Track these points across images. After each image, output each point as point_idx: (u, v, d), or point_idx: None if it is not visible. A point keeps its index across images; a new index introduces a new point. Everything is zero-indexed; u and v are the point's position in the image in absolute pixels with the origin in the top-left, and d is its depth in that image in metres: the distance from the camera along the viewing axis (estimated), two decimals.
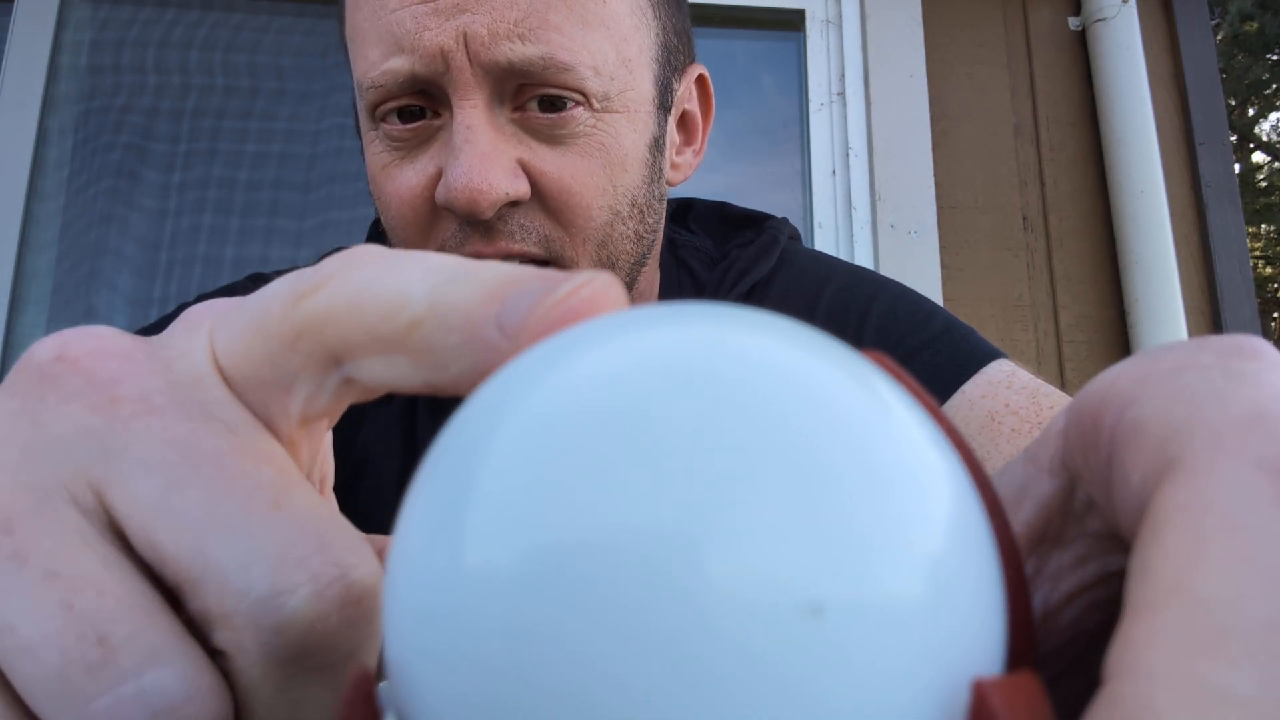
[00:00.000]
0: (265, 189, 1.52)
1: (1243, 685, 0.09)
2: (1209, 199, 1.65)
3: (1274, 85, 7.35)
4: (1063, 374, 1.56)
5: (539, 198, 0.47)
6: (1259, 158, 7.93)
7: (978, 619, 0.11)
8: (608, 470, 0.11)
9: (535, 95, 0.46)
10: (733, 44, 1.70)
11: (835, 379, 0.12)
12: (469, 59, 0.45)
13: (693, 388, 0.11)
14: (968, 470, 0.13)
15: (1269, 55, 7.10)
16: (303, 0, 1.59)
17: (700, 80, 0.58)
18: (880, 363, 0.14)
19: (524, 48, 0.45)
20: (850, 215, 1.55)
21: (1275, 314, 7.86)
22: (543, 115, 0.47)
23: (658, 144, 0.52)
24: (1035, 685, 0.11)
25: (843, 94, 1.60)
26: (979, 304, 1.56)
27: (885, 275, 0.64)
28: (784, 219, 0.66)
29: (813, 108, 1.61)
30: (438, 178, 0.47)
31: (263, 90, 1.56)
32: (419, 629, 0.11)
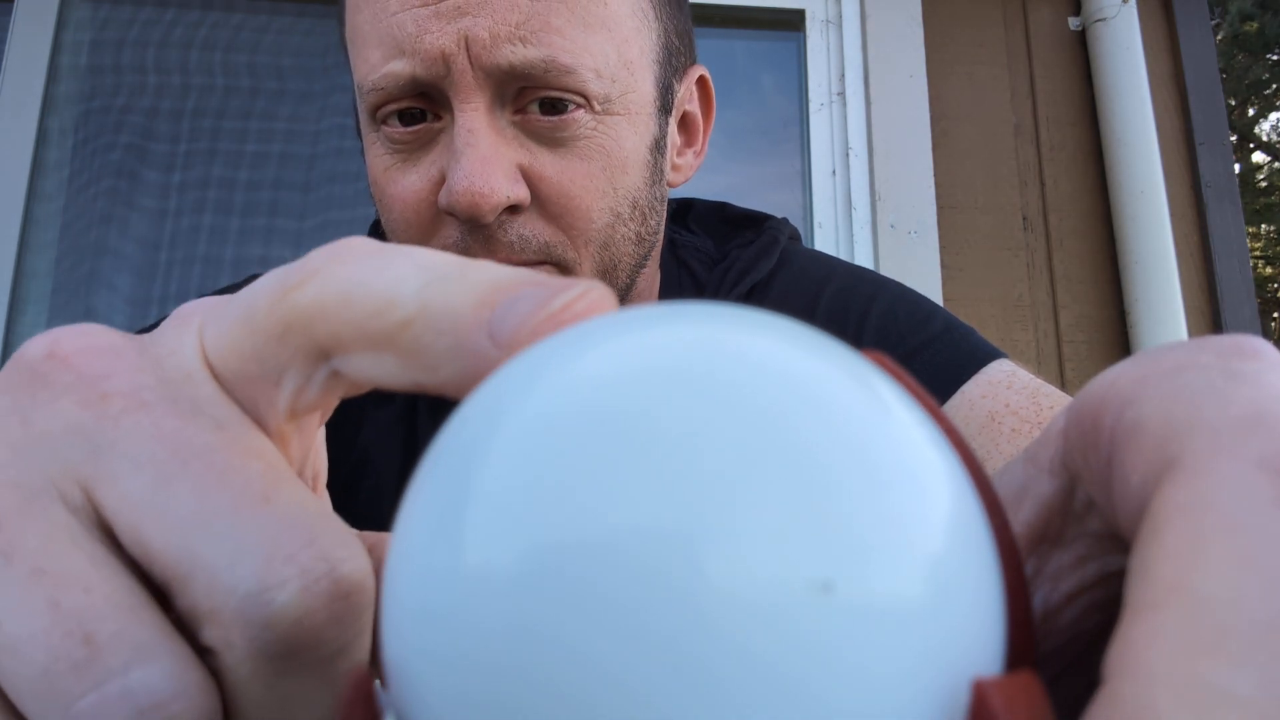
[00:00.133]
0: (265, 189, 1.52)
1: (1243, 685, 0.09)
2: (1209, 199, 1.65)
3: (1274, 85, 7.35)
4: (1063, 374, 1.56)
5: (539, 203, 0.47)
6: (1259, 158, 7.93)
7: (978, 619, 0.11)
8: (608, 470, 0.11)
9: (536, 98, 0.46)
10: (733, 44, 1.70)
11: (835, 379, 0.12)
12: (470, 62, 0.44)
13: (693, 388, 0.11)
14: (968, 470, 0.13)
15: (1269, 55, 7.10)
16: (303, 0, 1.59)
17: (701, 81, 0.58)
18: (880, 363, 0.14)
19: (525, 50, 0.44)
20: (850, 215, 1.55)
21: (1275, 314, 7.86)
22: (544, 118, 0.46)
23: (659, 145, 0.52)
24: (1035, 685, 0.11)
25: (843, 94, 1.60)
26: (979, 304, 1.56)
27: (885, 275, 0.64)
28: (784, 219, 0.66)
29: (813, 108, 1.61)
30: (441, 181, 0.47)
31: (263, 90, 1.56)
32: (418, 629, 0.11)
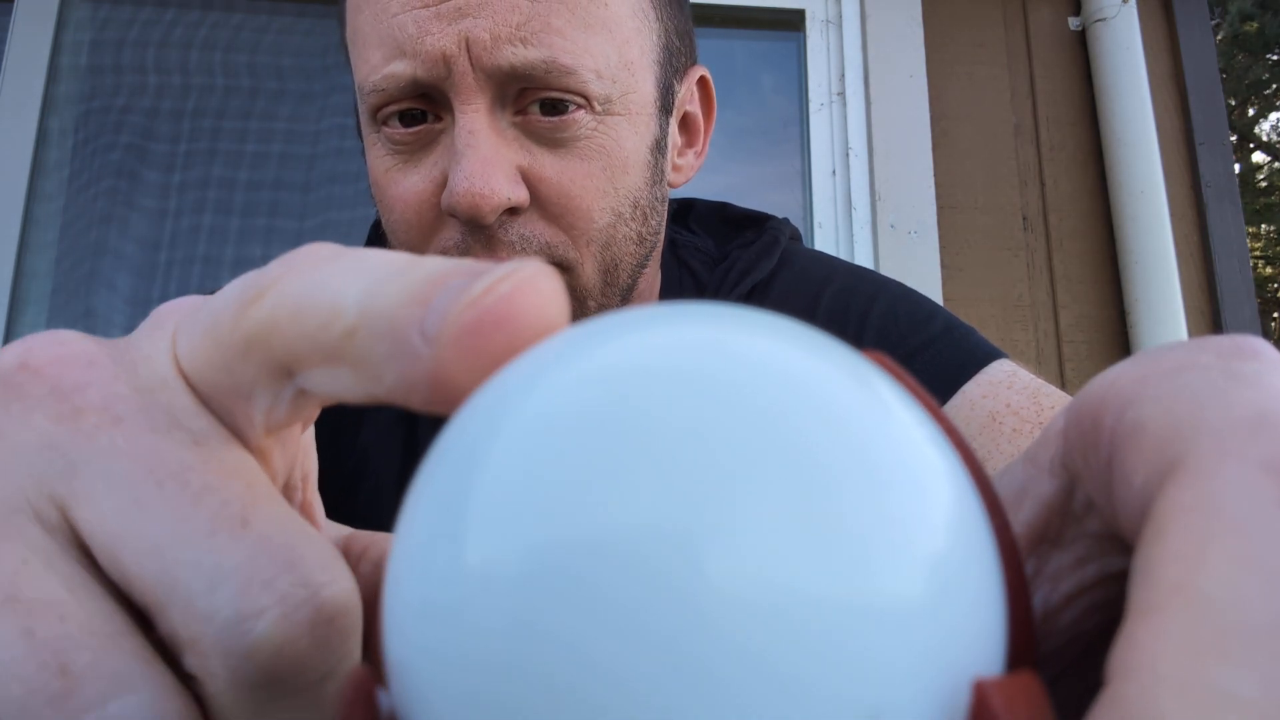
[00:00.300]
0: (265, 189, 1.52)
1: (1246, 687, 0.09)
2: (1209, 199, 1.65)
3: (1274, 85, 7.35)
4: (1063, 374, 1.56)
5: (539, 204, 0.47)
6: (1259, 158, 7.93)
7: (978, 619, 0.11)
8: (609, 469, 0.11)
9: (537, 99, 0.46)
10: (733, 44, 1.69)
11: (836, 379, 0.12)
12: (471, 64, 0.44)
13: (693, 388, 0.11)
14: (968, 470, 0.13)
15: (1269, 55, 7.10)
16: (303, 0, 1.59)
17: (702, 82, 0.58)
18: (881, 363, 0.14)
19: (526, 51, 0.44)
20: (850, 215, 1.55)
21: (1275, 314, 7.86)
22: (544, 118, 0.46)
23: (659, 146, 0.52)
24: (1036, 685, 0.11)
25: (843, 94, 1.60)
26: (979, 304, 1.56)
27: (886, 275, 0.64)
28: (785, 219, 0.66)
29: (813, 108, 1.61)
30: (443, 183, 0.47)
31: (263, 90, 1.56)
32: (420, 627, 0.11)
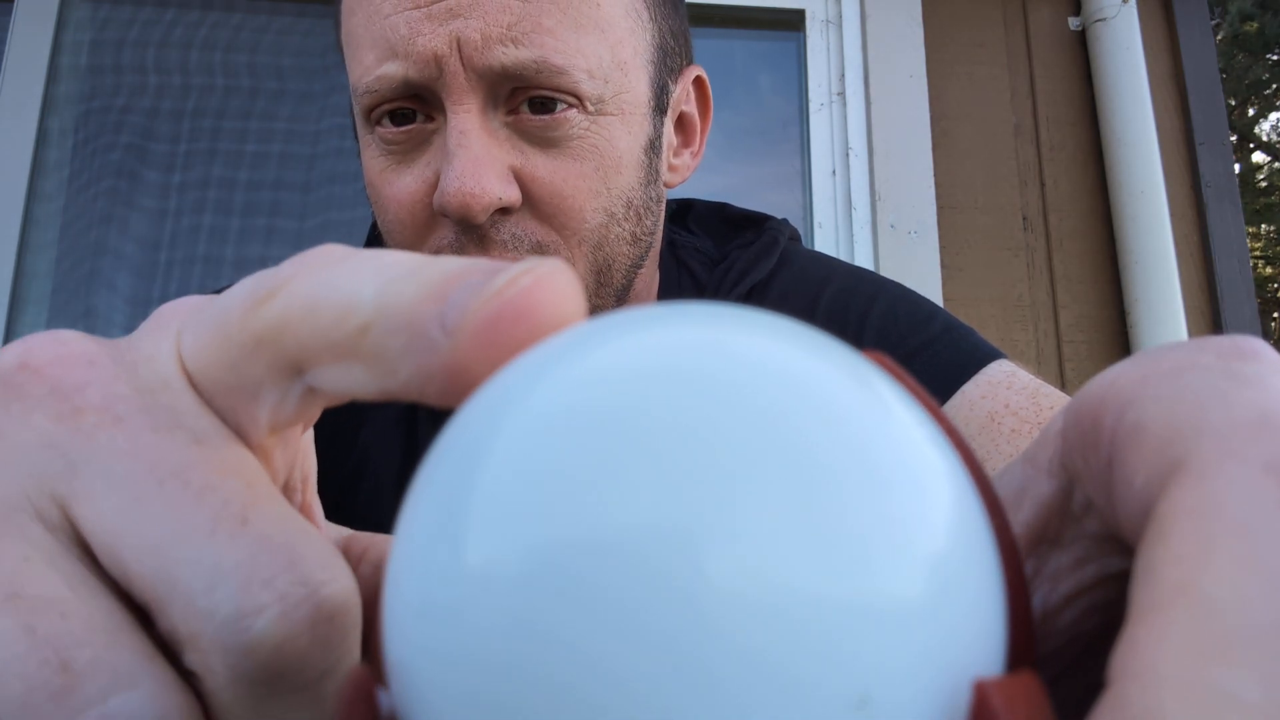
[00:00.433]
0: (265, 189, 1.52)
1: (1249, 689, 0.09)
2: (1209, 199, 1.65)
3: (1274, 85, 7.35)
4: (1063, 374, 1.56)
5: (530, 204, 0.47)
6: (1259, 158, 7.93)
7: (978, 619, 0.11)
8: (609, 469, 0.11)
9: (528, 98, 0.46)
10: (732, 44, 1.70)
11: (835, 379, 0.12)
12: (462, 64, 0.44)
13: (693, 388, 0.11)
14: (968, 470, 0.13)
15: (1269, 55, 7.10)
16: (303, 0, 1.59)
17: (698, 82, 0.58)
18: (880, 363, 0.14)
19: (517, 52, 0.45)
20: (850, 215, 1.55)
21: (1275, 314, 7.86)
22: (535, 117, 0.46)
23: (654, 146, 0.52)
24: (1036, 685, 0.11)
25: (843, 94, 1.60)
26: (979, 304, 1.56)
27: (885, 276, 0.64)
28: (784, 220, 0.66)
29: (812, 108, 1.61)
30: (435, 183, 0.47)
31: (263, 90, 1.56)
32: (420, 626, 0.11)
